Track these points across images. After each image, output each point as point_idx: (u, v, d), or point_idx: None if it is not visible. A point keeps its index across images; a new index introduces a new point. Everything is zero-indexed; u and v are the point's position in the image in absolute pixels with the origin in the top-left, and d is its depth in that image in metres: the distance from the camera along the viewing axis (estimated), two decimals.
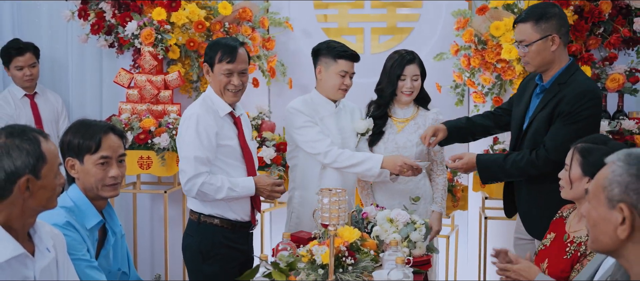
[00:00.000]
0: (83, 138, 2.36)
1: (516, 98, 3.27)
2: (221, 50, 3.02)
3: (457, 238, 4.41)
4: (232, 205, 3.06)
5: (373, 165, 3.27)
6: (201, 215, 3.06)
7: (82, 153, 2.36)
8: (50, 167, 1.93)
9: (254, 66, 4.45)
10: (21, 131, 1.92)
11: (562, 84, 2.98)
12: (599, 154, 2.50)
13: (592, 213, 1.65)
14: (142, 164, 4.07)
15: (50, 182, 1.93)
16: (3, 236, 1.86)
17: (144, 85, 4.19)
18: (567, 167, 2.55)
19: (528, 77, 3.30)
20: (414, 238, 2.85)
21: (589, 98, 2.93)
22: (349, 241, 2.65)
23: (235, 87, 3.04)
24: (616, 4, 3.93)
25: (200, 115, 2.97)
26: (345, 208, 2.47)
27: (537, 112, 3.04)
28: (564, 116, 2.93)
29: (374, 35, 4.66)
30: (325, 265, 2.49)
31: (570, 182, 2.52)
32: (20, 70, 4.44)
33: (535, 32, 2.97)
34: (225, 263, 3.04)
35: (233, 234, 3.08)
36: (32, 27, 4.87)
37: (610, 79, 3.94)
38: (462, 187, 4.12)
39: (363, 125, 3.49)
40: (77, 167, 2.38)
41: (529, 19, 2.99)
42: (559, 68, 3.01)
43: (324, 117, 3.42)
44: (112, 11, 4.31)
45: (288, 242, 2.78)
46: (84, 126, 2.40)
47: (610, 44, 3.93)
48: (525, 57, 3.02)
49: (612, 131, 3.83)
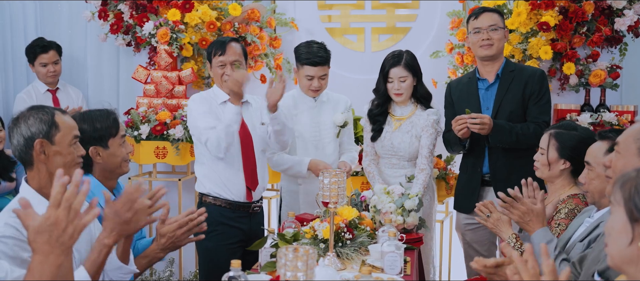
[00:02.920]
0: (103, 123, 2.58)
1: (457, 103, 3.62)
2: (214, 46, 3.39)
3: (451, 224, 4.65)
4: (228, 184, 3.34)
5: (301, 169, 3.64)
6: (203, 195, 3.39)
7: (106, 138, 2.58)
8: (64, 135, 2.17)
9: (261, 63, 4.70)
10: (40, 107, 2.19)
11: (512, 71, 3.52)
12: (572, 138, 2.82)
13: (618, 163, 1.89)
14: (158, 154, 4.34)
15: (65, 148, 2.17)
16: (39, 200, 2.10)
17: (159, 80, 4.47)
18: (542, 150, 2.87)
19: (454, 84, 3.74)
20: (408, 207, 3.11)
21: (546, 78, 3.60)
22: (348, 219, 2.93)
23: (228, 77, 3.30)
24: (599, 5, 4.15)
25: (198, 100, 3.35)
26: (344, 188, 2.71)
27: (500, 99, 3.48)
28: (537, 95, 3.47)
29: (374, 35, 4.88)
30: (326, 240, 2.73)
31: (549, 163, 2.84)
32: (45, 67, 4.71)
33: (501, 22, 3.53)
34: (222, 240, 3.33)
35: (232, 213, 3.37)
36: (54, 27, 5.12)
37: (593, 75, 4.18)
38: (455, 175, 4.30)
39: (340, 118, 3.76)
40: (101, 153, 2.58)
41: (496, 11, 3.57)
42: (502, 60, 3.57)
43: (300, 112, 3.73)
44: (130, 12, 4.57)
45: (293, 220, 3.04)
46: (96, 114, 2.61)
47: (593, 42, 4.16)
48: (491, 40, 3.48)
49: (593, 123, 4.06)
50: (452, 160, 4.37)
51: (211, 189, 3.37)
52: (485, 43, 3.49)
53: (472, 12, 3.64)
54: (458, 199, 3.72)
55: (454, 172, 4.34)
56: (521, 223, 2.56)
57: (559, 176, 2.89)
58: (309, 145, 3.73)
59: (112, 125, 2.61)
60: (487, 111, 3.53)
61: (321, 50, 3.64)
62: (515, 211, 2.55)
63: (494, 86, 3.55)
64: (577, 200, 2.79)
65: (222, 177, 3.35)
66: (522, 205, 2.54)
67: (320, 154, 3.73)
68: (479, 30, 3.51)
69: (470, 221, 3.59)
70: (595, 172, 2.45)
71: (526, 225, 2.54)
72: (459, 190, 3.73)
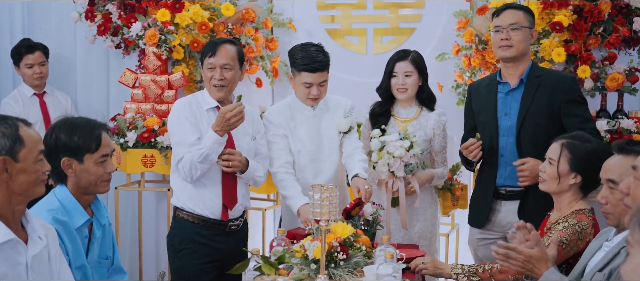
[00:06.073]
0: (82, 137, 2.37)
1: (476, 109, 3.33)
2: (206, 46, 3.12)
3: (458, 236, 4.43)
4: (205, 200, 3.09)
5: (293, 205, 3.23)
6: (177, 208, 3.15)
7: (82, 153, 2.38)
8: (29, 151, 1.97)
9: (257, 66, 4.50)
10: (2, 118, 1.98)
11: (538, 77, 3.19)
12: (585, 151, 2.58)
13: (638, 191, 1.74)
14: (146, 162, 4.13)
15: (29, 166, 1.97)
16: None
17: (148, 85, 4.26)
18: (552, 161, 2.63)
19: (475, 87, 3.43)
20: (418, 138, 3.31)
21: (577, 84, 3.28)
22: (342, 237, 2.70)
23: (217, 82, 3.07)
24: (616, 4, 3.94)
25: (179, 107, 3.10)
26: (336, 204, 2.51)
27: (525, 108, 3.16)
28: (572, 102, 3.15)
29: (377, 36, 4.69)
30: (318, 260, 2.53)
31: (559, 176, 2.60)
32: (30, 68, 4.53)
33: (526, 21, 3.19)
34: (194, 259, 3.08)
35: (207, 230, 3.10)
36: (42, 28, 4.95)
37: (609, 79, 3.95)
38: (461, 185, 4.14)
39: (345, 124, 3.43)
40: (74, 166, 2.38)
41: (521, 8, 3.23)
42: (528, 63, 3.23)
43: (298, 124, 3.39)
44: (118, 13, 4.38)
45: (282, 238, 2.82)
46: (79, 125, 2.41)
47: (609, 43, 3.94)
48: (510, 40, 3.16)
49: (610, 130, 3.84)
50: (458, 170, 4.14)
51: (185, 203, 3.12)
52: (504, 43, 3.19)
53: (496, 8, 3.39)
54: (472, 213, 3.46)
55: (461, 182, 4.15)
56: (525, 272, 2.30)
57: (567, 190, 2.64)
58: (307, 159, 3.39)
59: (92, 140, 2.39)
60: (505, 117, 3.23)
61: (320, 54, 3.29)
62: (514, 262, 2.29)
63: (516, 91, 3.24)
64: (580, 216, 2.58)
65: (198, 190, 3.10)
66: (519, 254, 2.27)
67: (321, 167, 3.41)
68: (499, 29, 3.20)
69: (484, 236, 3.34)
70: None
71: (531, 272, 2.29)
72: (472, 203, 3.47)
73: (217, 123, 2.96)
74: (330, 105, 3.46)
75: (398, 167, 3.30)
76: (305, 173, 3.38)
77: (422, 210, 3.51)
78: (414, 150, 3.30)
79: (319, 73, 3.27)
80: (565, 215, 2.62)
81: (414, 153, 3.31)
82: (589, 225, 2.56)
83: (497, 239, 3.13)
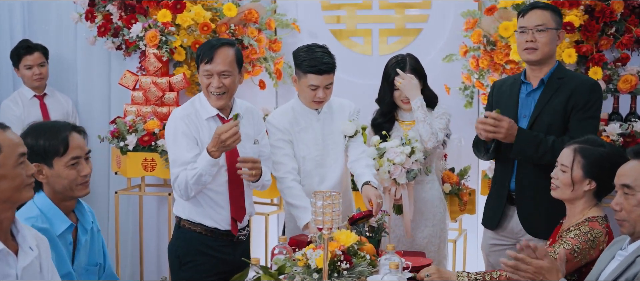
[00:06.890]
0: (48, 140, 2.30)
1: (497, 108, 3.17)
2: (202, 50, 2.92)
3: (466, 242, 4.34)
4: (210, 212, 2.97)
5: (300, 218, 3.13)
6: (181, 219, 3.02)
7: (50, 157, 2.31)
8: (8, 156, 1.90)
9: (260, 68, 4.43)
10: None
11: (561, 79, 3.08)
12: (601, 155, 2.49)
13: None
14: (147, 166, 4.07)
15: (9, 171, 1.90)
16: None
17: (148, 87, 4.19)
18: (565, 168, 2.54)
19: (498, 85, 3.32)
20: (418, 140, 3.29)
21: (599, 91, 3.09)
22: (346, 245, 2.62)
23: (215, 90, 2.89)
24: (628, 4, 3.85)
25: (176, 120, 2.93)
26: (339, 211, 2.42)
27: (539, 108, 3.06)
28: (581, 109, 3.01)
29: (382, 37, 4.62)
30: (321, 270, 2.45)
31: (573, 183, 2.51)
32: (30, 70, 4.47)
33: (553, 21, 3.07)
34: (202, 271, 2.96)
35: (214, 241, 2.99)
36: (42, 29, 4.90)
37: (622, 80, 3.86)
38: (469, 190, 4.05)
39: (351, 128, 3.34)
40: (45, 171, 2.31)
41: (548, 8, 3.10)
42: (553, 64, 3.11)
43: (303, 129, 3.29)
44: (118, 13, 4.32)
45: (284, 245, 2.73)
46: (44, 128, 2.34)
47: (622, 44, 3.86)
48: (535, 42, 3.04)
49: (623, 134, 3.74)
50: (466, 174, 4.06)
51: (190, 215, 2.99)
52: (529, 46, 3.05)
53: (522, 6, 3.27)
54: (486, 214, 3.34)
55: (468, 186, 4.06)
56: None
57: (581, 197, 2.55)
58: (312, 165, 3.29)
59: (59, 143, 2.30)
60: (523, 119, 3.11)
61: (326, 56, 3.19)
62: (524, 274, 2.19)
63: (536, 92, 3.12)
64: (593, 223, 2.50)
65: (204, 202, 2.97)
66: (529, 266, 2.18)
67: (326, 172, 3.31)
68: (524, 30, 3.07)
69: (497, 241, 3.23)
70: (637, 197, 2.11)
71: None
72: (487, 203, 3.36)
73: (213, 144, 2.79)
74: (334, 108, 3.37)
75: (399, 174, 3.24)
76: (311, 179, 3.29)
77: (430, 215, 3.44)
78: (416, 156, 3.26)
79: (325, 76, 3.18)
80: (577, 223, 2.54)
81: (416, 159, 3.26)
82: (602, 233, 2.48)
83: (509, 246, 3.04)
